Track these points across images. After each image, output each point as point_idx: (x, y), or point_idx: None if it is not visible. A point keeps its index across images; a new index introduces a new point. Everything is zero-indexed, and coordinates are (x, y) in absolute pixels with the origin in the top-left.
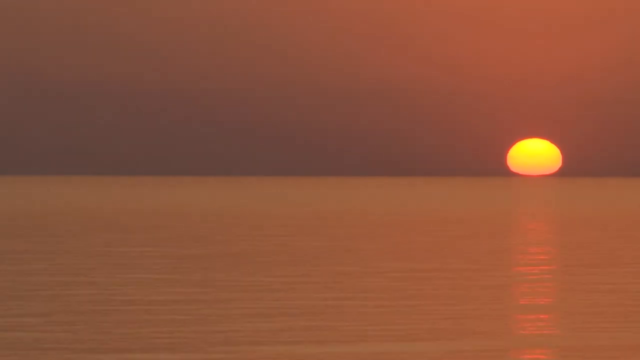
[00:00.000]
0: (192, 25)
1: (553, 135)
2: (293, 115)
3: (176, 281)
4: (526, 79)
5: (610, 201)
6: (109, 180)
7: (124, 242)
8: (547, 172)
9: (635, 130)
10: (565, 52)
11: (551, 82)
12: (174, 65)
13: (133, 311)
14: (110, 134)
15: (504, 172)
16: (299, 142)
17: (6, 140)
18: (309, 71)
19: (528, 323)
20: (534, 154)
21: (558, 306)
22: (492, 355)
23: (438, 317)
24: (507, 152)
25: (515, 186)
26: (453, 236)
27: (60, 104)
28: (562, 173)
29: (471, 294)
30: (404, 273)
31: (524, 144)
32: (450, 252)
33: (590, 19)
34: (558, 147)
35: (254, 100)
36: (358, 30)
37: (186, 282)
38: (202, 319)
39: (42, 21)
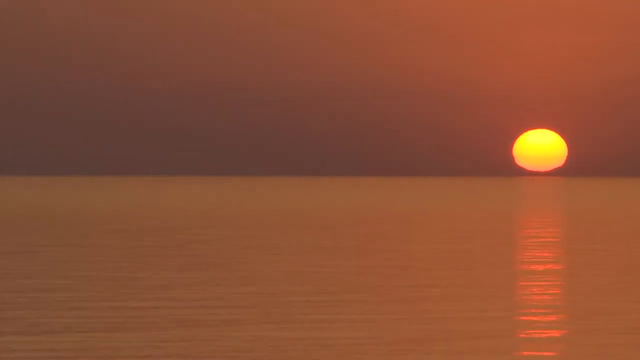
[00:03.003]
0: (191, 25)
1: (558, 126)
2: (297, 116)
3: None
4: (528, 73)
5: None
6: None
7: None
8: (554, 166)
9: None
10: (565, 48)
11: (553, 76)
12: (172, 66)
13: None
14: (110, 134)
15: (510, 166)
16: (305, 143)
17: (6, 140)
18: (311, 72)
19: None
20: (540, 147)
21: None
22: None
23: None
24: (513, 144)
25: (524, 188)
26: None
27: (60, 105)
28: (568, 165)
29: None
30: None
31: (529, 136)
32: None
33: (600, 13)
34: (563, 138)
35: (253, 101)
36: (359, 29)
37: None
38: None
39: (43, 23)
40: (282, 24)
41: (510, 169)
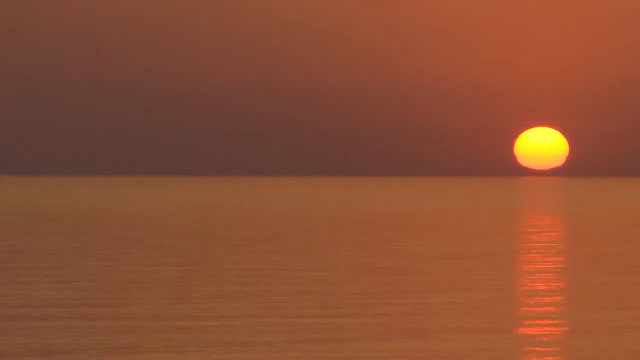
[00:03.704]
0: (192, 27)
1: (560, 124)
2: (297, 116)
3: None
4: (529, 71)
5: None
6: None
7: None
8: (555, 165)
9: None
10: (566, 46)
11: (554, 75)
12: (173, 67)
13: None
14: (110, 134)
15: (512, 165)
16: (305, 143)
17: (6, 140)
18: (312, 73)
19: None
20: (541, 146)
21: None
22: None
23: None
24: (514, 143)
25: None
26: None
27: (59, 106)
28: (570, 164)
29: None
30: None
31: (530, 134)
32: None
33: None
34: (565, 136)
35: (254, 102)
36: (358, 30)
37: None
38: None
39: (43, 24)
40: (284, 24)
41: (512, 168)
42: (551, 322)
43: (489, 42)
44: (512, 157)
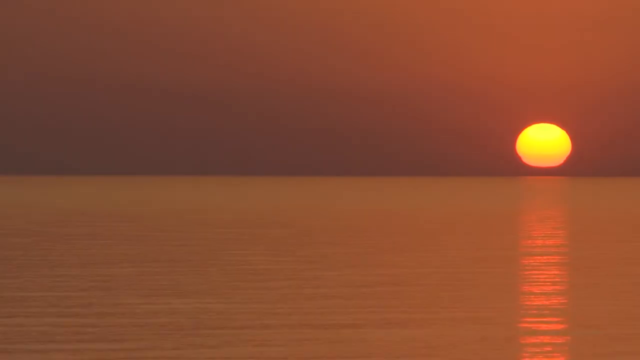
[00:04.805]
0: (193, 25)
1: (562, 121)
2: (298, 116)
3: None
4: (531, 66)
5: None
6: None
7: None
8: (558, 163)
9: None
10: (568, 41)
11: (555, 72)
12: (175, 67)
13: None
14: (110, 133)
15: (514, 163)
16: (304, 143)
17: (6, 140)
18: (314, 74)
19: None
20: (543, 144)
21: None
22: None
23: None
24: (516, 141)
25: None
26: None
27: (60, 104)
28: (573, 161)
29: None
30: None
31: (531, 130)
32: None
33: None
34: (567, 133)
35: (254, 101)
36: (358, 31)
37: None
38: None
39: (43, 21)
40: (288, 24)
41: (515, 167)
42: None
43: (489, 41)
44: (515, 155)
